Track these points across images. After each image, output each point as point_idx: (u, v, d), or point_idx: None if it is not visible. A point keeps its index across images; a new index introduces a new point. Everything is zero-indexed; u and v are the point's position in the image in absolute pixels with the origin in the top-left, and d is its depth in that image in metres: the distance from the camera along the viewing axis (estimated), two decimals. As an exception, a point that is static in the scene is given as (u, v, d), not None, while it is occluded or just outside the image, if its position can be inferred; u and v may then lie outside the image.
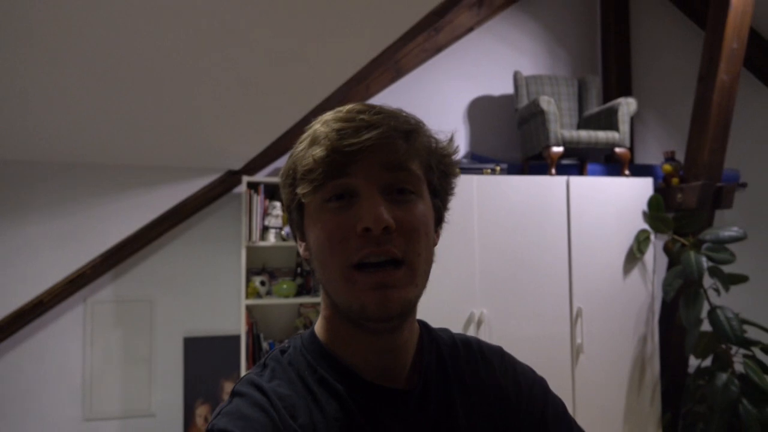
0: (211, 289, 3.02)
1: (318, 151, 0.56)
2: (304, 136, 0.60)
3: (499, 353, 0.71)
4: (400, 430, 0.57)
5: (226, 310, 2.99)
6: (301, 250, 0.63)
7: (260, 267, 2.95)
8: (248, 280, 2.84)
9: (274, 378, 0.59)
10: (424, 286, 0.59)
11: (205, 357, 2.94)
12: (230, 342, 2.92)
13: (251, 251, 2.83)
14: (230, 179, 2.96)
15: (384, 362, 0.60)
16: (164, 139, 2.62)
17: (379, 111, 0.58)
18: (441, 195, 0.63)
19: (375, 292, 0.54)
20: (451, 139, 0.64)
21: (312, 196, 0.57)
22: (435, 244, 0.62)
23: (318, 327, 0.64)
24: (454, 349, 0.67)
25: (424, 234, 0.57)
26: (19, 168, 2.76)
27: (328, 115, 0.59)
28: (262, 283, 2.87)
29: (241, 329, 2.74)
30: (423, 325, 0.68)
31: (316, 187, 0.56)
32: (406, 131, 0.58)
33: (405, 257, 0.55)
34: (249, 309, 2.81)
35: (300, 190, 0.58)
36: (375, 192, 0.55)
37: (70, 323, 2.83)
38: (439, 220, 0.64)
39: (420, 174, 0.59)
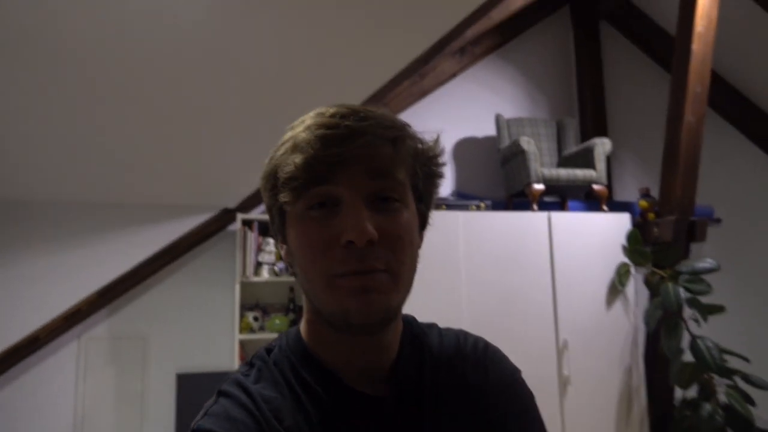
0: (205, 325, 3.06)
1: (300, 159, 0.54)
2: (286, 138, 0.58)
3: (475, 347, 0.69)
4: None
5: (219, 346, 3.02)
6: (282, 253, 0.62)
7: (254, 302, 3.02)
8: (242, 316, 2.89)
9: (260, 379, 0.59)
10: (407, 292, 0.58)
11: (198, 393, 2.94)
12: (223, 378, 2.94)
13: (245, 287, 2.90)
14: (225, 217, 3.06)
15: (365, 363, 0.60)
16: (161, 177, 2.72)
17: (365, 116, 0.56)
18: (425, 199, 0.62)
19: (357, 296, 0.53)
20: (437, 140, 0.63)
21: (294, 205, 0.56)
22: (419, 248, 0.61)
23: (302, 328, 0.64)
24: (437, 352, 0.66)
25: (408, 243, 0.57)
26: (17, 206, 2.84)
27: (310, 119, 0.57)
28: (255, 319, 2.92)
29: (235, 365, 2.78)
30: (409, 323, 0.67)
31: (297, 194, 0.55)
32: (393, 138, 0.57)
33: (388, 268, 0.54)
34: (242, 344, 2.85)
35: (282, 198, 0.57)
36: (359, 201, 0.54)
37: (64, 360, 2.85)
38: (423, 224, 0.63)
39: (405, 181, 0.58)
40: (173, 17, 1.63)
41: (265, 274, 2.90)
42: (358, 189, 0.54)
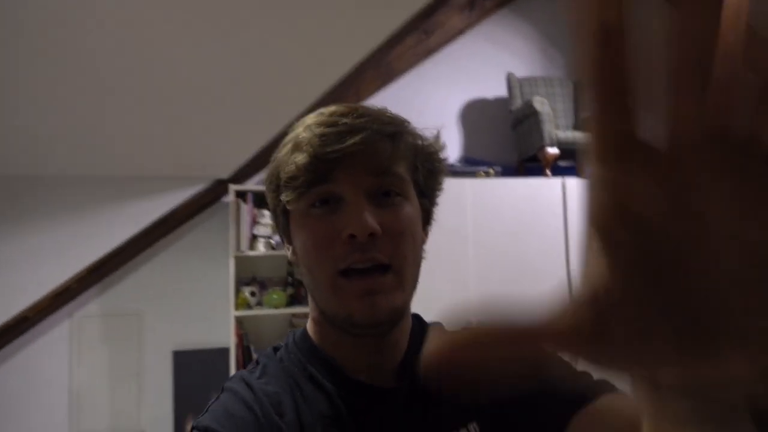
0: (201, 301, 2.95)
1: (300, 158, 0.56)
2: (287, 139, 0.60)
3: None
4: (386, 427, 0.58)
5: (215, 322, 2.92)
6: (288, 254, 0.64)
7: (250, 277, 2.88)
8: (238, 291, 2.77)
9: (264, 375, 0.60)
10: (413, 289, 0.59)
11: (194, 371, 2.86)
12: (220, 355, 2.85)
13: (240, 261, 2.76)
14: (218, 188, 2.91)
15: (372, 361, 0.61)
16: (150, 147, 2.57)
17: (363, 113, 0.57)
18: (428, 194, 0.63)
19: (362, 299, 0.54)
20: (438, 137, 0.64)
21: (296, 203, 0.58)
22: (424, 242, 0.62)
23: (309, 326, 0.65)
24: None
25: (410, 237, 0.58)
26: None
27: (311, 119, 0.59)
28: (252, 294, 2.79)
29: (231, 342, 2.67)
30: (417, 319, 0.68)
31: (299, 194, 0.57)
32: (391, 133, 0.57)
33: (392, 262, 0.55)
34: (239, 320, 2.73)
35: (284, 198, 0.58)
36: (360, 197, 0.55)
37: (56, 339, 2.77)
38: (427, 220, 0.64)
39: (406, 176, 0.59)
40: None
41: (261, 248, 2.76)
42: (359, 185, 0.56)
